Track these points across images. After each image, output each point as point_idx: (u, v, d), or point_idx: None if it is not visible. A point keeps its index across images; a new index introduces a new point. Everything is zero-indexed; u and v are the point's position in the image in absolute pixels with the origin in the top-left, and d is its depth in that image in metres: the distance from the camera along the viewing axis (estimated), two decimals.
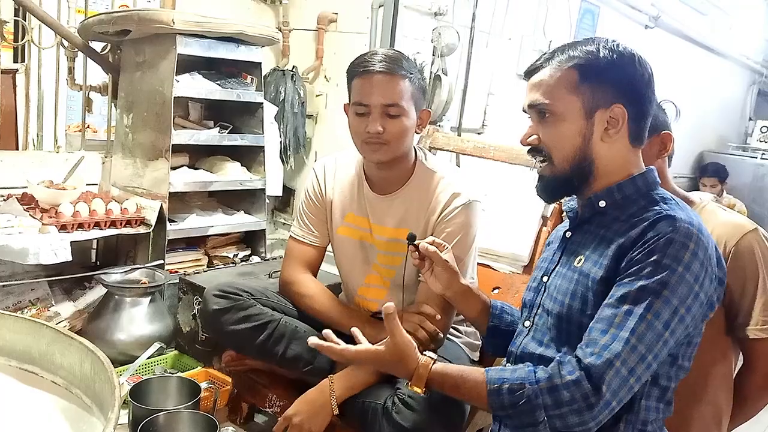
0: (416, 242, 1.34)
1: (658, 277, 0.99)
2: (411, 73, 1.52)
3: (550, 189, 1.18)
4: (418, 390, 1.16)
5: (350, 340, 1.59)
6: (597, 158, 1.12)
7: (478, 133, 3.93)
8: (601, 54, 1.09)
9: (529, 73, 1.16)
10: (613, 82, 1.10)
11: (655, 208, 1.08)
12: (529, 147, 1.17)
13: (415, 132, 1.57)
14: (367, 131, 1.50)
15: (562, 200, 1.73)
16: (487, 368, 1.10)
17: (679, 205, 1.10)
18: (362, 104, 1.50)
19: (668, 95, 1.62)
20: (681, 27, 5.07)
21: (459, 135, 3.19)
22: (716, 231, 1.34)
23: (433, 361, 1.15)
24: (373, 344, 1.45)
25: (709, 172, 5.04)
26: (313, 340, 1.26)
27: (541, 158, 1.16)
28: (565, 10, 4.11)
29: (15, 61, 2.61)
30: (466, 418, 1.47)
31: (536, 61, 1.16)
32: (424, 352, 1.18)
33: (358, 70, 1.52)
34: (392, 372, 1.24)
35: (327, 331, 1.26)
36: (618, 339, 0.99)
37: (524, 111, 1.18)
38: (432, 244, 1.32)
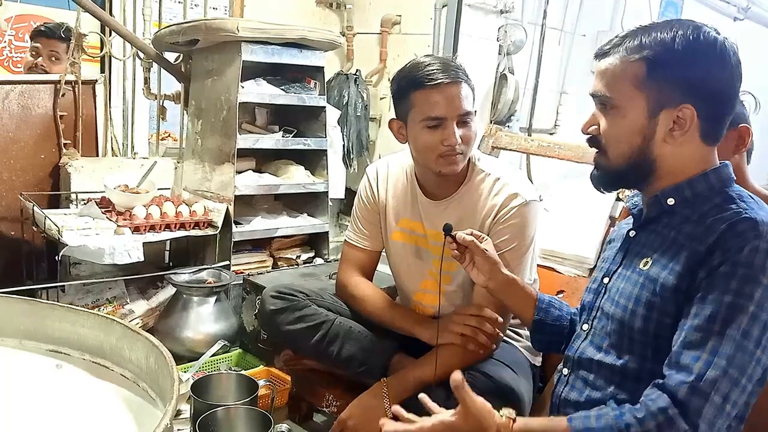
0: (453, 233, 1.30)
1: (746, 291, 0.92)
2: (468, 77, 1.49)
3: (603, 180, 1.12)
4: None
5: (406, 340, 1.58)
6: (659, 158, 1.04)
7: (550, 134, 3.80)
8: (675, 46, 0.99)
9: (598, 56, 1.08)
10: (684, 79, 1.00)
11: (732, 206, 0.99)
12: (589, 136, 1.11)
13: None
14: (446, 144, 1.44)
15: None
16: (569, 417, 1.02)
17: (758, 204, 1.00)
18: (437, 117, 1.44)
19: (759, 92, 1.50)
20: None
21: (529, 135, 3.10)
22: None
23: (512, 421, 1.04)
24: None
25: None
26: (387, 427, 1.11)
27: (597, 149, 1.10)
28: (644, 3, 3.91)
29: (102, 72, 2.79)
30: None
31: (607, 43, 1.07)
32: (500, 412, 1.05)
33: (422, 82, 1.44)
34: None
35: (397, 408, 1.14)
36: (712, 366, 0.91)
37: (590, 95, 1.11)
38: (470, 235, 1.28)
